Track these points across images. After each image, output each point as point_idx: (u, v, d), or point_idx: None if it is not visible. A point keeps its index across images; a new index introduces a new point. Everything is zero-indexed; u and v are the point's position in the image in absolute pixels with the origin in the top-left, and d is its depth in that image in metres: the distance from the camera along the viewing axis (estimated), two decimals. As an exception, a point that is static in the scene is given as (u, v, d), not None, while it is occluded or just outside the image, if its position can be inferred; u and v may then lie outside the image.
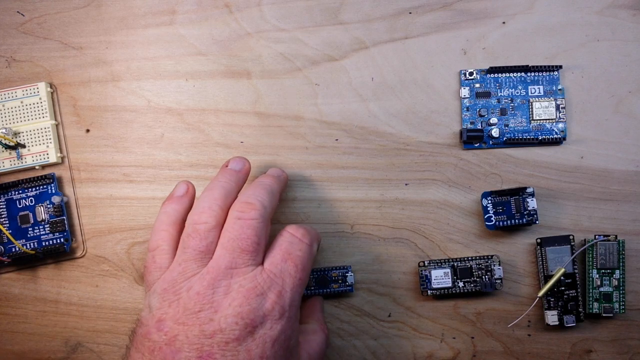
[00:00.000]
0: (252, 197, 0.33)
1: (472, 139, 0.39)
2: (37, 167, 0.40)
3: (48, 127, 0.40)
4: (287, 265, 0.32)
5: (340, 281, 0.38)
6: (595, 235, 0.38)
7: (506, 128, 0.39)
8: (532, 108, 0.39)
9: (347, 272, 0.38)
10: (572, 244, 0.38)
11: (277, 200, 0.35)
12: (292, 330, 0.31)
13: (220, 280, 0.30)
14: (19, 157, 0.40)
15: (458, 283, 0.38)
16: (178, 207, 0.34)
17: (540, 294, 0.37)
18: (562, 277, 0.37)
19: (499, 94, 0.39)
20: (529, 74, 0.39)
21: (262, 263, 0.32)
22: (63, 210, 0.40)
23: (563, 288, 0.38)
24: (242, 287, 0.30)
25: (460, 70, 0.39)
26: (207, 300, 0.29)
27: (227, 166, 0.35)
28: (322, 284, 0.38)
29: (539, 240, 0.38)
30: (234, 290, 0.30)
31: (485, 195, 0.38)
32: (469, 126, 0.39)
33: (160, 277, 0.31)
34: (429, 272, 0.38)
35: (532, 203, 0.38)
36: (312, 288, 0.39)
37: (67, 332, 0.40)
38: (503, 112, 0.39)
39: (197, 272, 0.30)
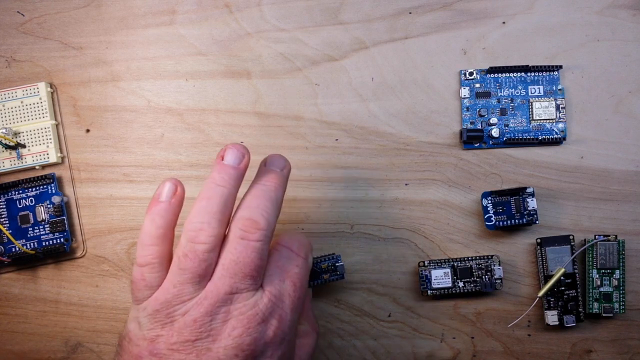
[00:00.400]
0: (257, 212, 0.29)
1: (472, 139, 0.39)
2: (37, 167, 0.40)
3: (48, 127, 0.40)
4: (286, 285, 0.30)
5: (331, 271, 0.37)
6: (595, 235, 0.38)
7: (506, 128, 0.39)
8: (532, 108, 0.39)
9: (337, 261, 0.37)
10: (572, 244, 0.38)
11: (281, 206, 0.32)
12: (290, 350, 0.31)
13: (219, 307, 0.28)
14: (19, 157, 0.40)
15: (458, 283, 0.38)
16: (167, 214, 0.30)
17: (540, 294, 0.37)
18: (562, 277, 0.37)
19: (499, 94, 0.39)
20: (529, 74, 0.39)
21: (261, 284, 0.30)
22: (63, 210, 0.40)
23: (563, 288, 0.38)
24: (243, 315, 0.28)
25: (460, 70, 0.39)
26: (204, 329, 0.28)
27: (222, 158, 0.31)
28: (312, 276, 0.37)
29: (539, 240, 0.38)
30: (234, 317, 0.28)
31: (485, 195, 0.38)
32: (469, 126, 0.39)
33: (152, 297, 0.29)
34: (429, 272, 0.38)
35: (532, 203, 0.38)
36: None
37: (67, 332, 0.40)
38: (503, 112, 0.39)
39: (194, 296, 0.28)
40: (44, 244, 0.40)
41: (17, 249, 0.39)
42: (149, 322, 0.29)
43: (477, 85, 0.39)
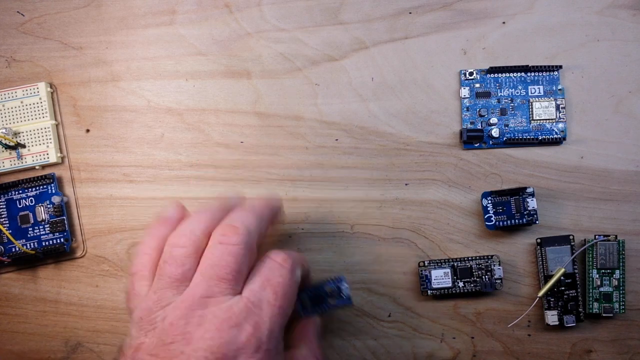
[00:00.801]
0: (238, 220, 0.30)
1: (472, 139, 0.39)
2: (37, 167, 0.40)
3: (48, 127, 0.40)
4: (266, 293, 0.30)
5: (336, 295, 0.35)
6: (595, 235, 0.38)
7: (506, 128, 0.39)
8: (532, 108, 0.39)
9: (341, 284, 0.35)
10: (572, 244, 0.38)
11: (266, 227, 0.33)
12: None
13: (194, 310, 0.28)
14: (19, 157, 0.40)
15: (458, 283, 0.38)
16: (166, 230, 0.31)
17: (540, 294, 0.37)
18: (562, 277, 0.37)
19: (499, 94, 0.39)
20: (529, 74, 0.39)
21: (240, 292, 0.30)
22: (63, 210, 0.40)
23: (563, 288, 0.38)
24: (216, 318, 0.28)
25: (460, 70, 0.39)
26: (179, 332, 0.28)
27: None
28: (317, 301, 0.35)
29: (539, 240, 0.38)
30: (208, 320, 0.28)
31: (485, 195, 0.38)
32: (469, 126, 0.39)
33: (138, 305, 0.30)
34: (429, 272, 0.38)
35: (532, 203, 0.38)
36: (309, 308, 0.35)
37: (67, 332, 0.40)
38: (503, 112, 0.39)
39: (173, 301, 0.29)
40: (44, 244, 0.40)
41: (17, 249, 0.39)
42: (136, 331, 0.29)
43: (477, 85, 0.39)
